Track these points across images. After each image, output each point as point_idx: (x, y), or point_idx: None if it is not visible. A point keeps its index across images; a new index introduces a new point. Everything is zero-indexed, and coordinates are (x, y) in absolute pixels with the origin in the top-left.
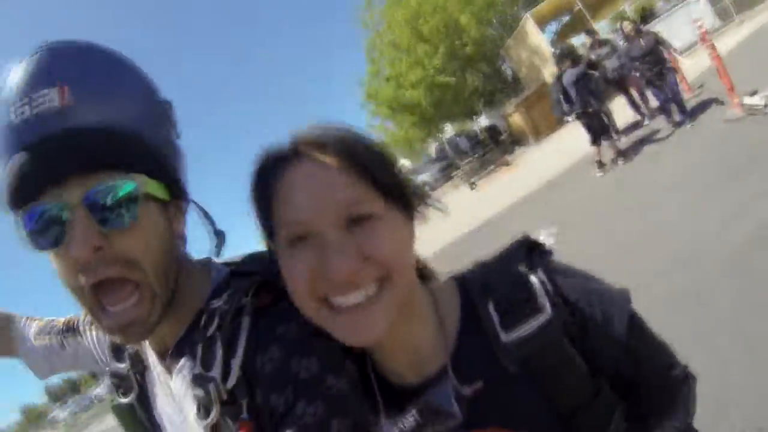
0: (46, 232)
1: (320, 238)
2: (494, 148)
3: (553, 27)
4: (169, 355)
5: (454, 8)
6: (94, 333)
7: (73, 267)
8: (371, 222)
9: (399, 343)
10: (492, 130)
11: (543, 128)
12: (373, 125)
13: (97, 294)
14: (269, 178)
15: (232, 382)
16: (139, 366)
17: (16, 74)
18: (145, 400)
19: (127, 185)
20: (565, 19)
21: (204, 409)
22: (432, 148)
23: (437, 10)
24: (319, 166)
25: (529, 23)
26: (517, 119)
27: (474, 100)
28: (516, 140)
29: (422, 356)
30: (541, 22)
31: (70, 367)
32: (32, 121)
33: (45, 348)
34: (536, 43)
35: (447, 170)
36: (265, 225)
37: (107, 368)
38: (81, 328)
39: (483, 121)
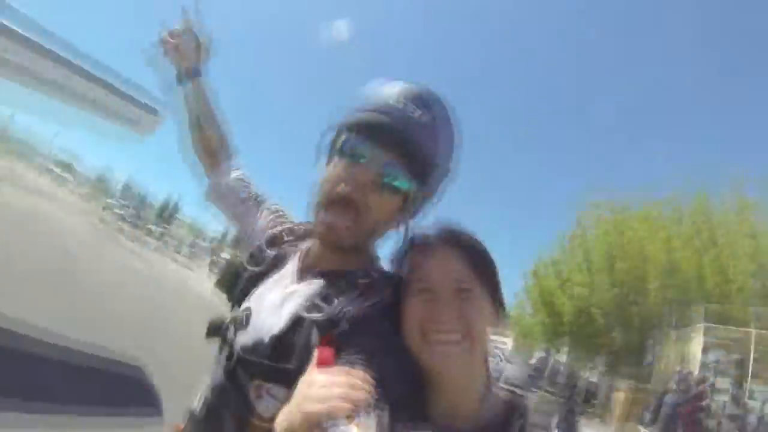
0: (348, 153)
1: (436, 295)
2: (578, 405)
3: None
4: (313, 270)
5: (650, 269)
6: (268, 216)
7: (339, 179)
8: (468, 294)
9: (453, 393)
10: (589, 391)
11: (631, 427)
12: (517, 300)
13: (332, 201)
14: (417, 252)
15: (343, 310)
16: (277, 260)
17: (401, 86)
18: (258, 279)
19: (405, 181)
20: (734, 355)
21: (312, 306)
22: (535, 358)
23: (638, 257)
24: (446, 251)
25: (697, 334)
26: (618, 397)
27: (602, 352)
28: (603, 414)
29: (458, 411)
30: (708, 342)
31: (229, 214)
32: (398, 110)
33: (229, 188)
34: (692, 355)
35: (531, 377)
36: (403, 278)
37: (254, 243)
38: (262, 205)
39: (592, 374)
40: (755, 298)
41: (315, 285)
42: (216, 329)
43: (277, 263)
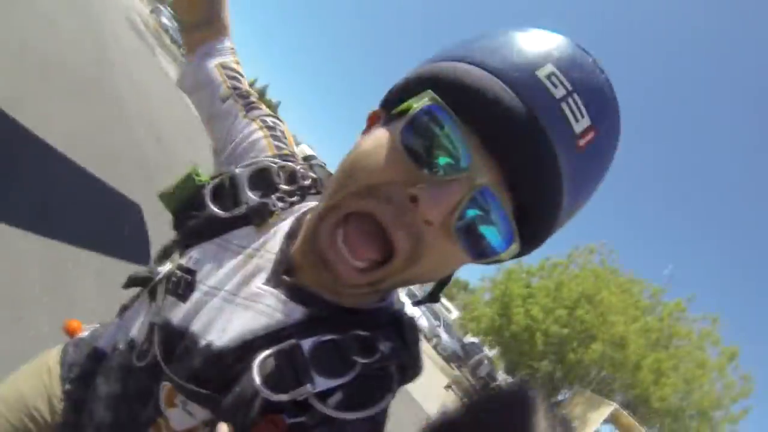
0: (419, 138)
1: None
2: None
3: None
4: (296, 280)
5: (602, 333)
6: (257, 132)
7: (385, 182)
8: None
9: None
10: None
11: None
12: (483, 283)
13: (357, 215)
14: None
15: (313, 403)
16: (256, 213)
17: (564, 47)
18: (217, 227)
19: (501, 239)
20: None
21: (276, 354)
22: (468, 340)
23: (599, 317)
24: None
25: (606, 409)
26: None
27: (524, 370)
28: None
29: None
30: (609, 419)
31: (204, 113)
32: (548, 97)
33: (209, 76)
34: (590, 421)
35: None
36: None
37: (228, 166)
38: (252, 113)
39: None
40: (669, 415)
41: (289, 311)
42: (138, 283)
43: (254, 218)
